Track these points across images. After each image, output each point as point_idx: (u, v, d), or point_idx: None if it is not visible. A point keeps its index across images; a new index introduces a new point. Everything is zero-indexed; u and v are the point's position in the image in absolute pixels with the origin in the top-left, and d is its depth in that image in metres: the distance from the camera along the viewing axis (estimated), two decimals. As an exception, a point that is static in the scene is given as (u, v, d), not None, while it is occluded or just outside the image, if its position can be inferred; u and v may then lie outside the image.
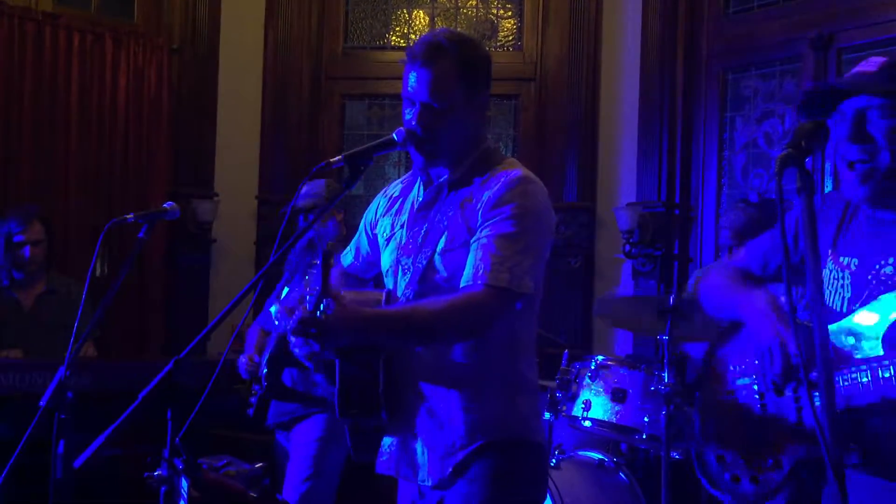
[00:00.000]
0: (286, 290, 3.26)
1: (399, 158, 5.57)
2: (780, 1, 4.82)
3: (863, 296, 1.64)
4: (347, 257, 2.23)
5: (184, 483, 1.74)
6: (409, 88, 1.90)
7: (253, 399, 2.99)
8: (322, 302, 1.68)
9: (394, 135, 1.88)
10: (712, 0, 5.06)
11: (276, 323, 2.98)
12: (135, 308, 5.09)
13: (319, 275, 1.69)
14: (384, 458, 1.99)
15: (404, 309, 1.87)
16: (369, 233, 2.14)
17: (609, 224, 5.16)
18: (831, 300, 1.71)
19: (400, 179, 2.13)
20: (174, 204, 2.71)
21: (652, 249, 4.98)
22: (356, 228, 2.22)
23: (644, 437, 3.13)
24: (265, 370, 2.92)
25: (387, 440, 1.99)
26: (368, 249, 2.16)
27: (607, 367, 3.24)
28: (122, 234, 4.81)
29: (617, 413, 3.17)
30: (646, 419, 3.11)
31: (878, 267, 1.64)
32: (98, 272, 4.81)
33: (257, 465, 3.37)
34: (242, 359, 3.30)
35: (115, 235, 4.83)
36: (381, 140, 1.88)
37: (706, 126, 5.04)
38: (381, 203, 2.13)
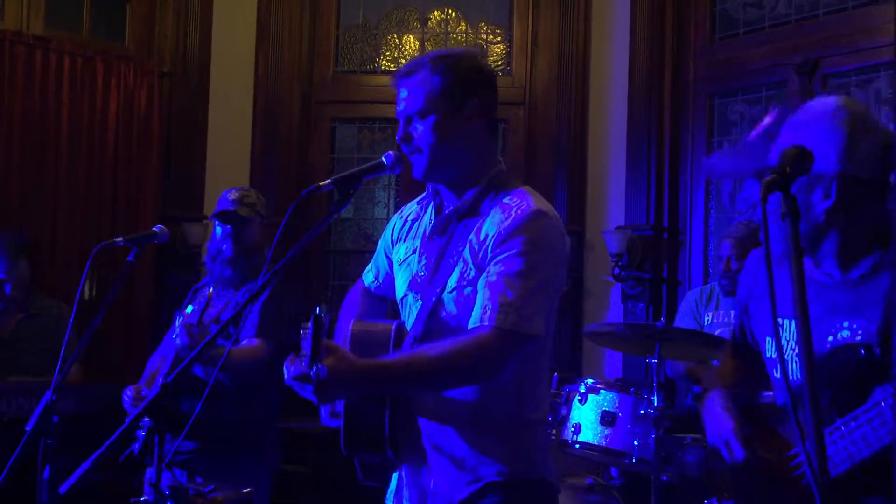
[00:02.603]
0: (190, 307, 3.04)
1: (389, 182, 5.58)
2: (766, 27, 4.88)
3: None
4: (369, 276, 2.17)
5: (170, 508, 1.72)
6: (397, 110, 1.91)
7: (140, 433, 2.51)
8: (314, 367, 1.63)
9: (383, 158, 1.86)
10: (699, 26, 5.12)
11: (176, 339, 2.75)
12: (123, 331, 5.06)
13: (309, 339, 1.63)
14: (391, 494, 1.96)
15: (403, 358, 1.80)
16: (389, 254, 2.09)
17: (598, 247, 5.18)
18: (790, 368, 1.69)
19: (416, 200, 2.08)
20: (163, 227, 2.71)
21: (641, 272, 5.00)
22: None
23: (634, 460, 3.12)
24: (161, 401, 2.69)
25: (395, 477, 1.96)
26: (388, 269, 2.10)
27: (597, 390, 3.24)
28: (111, 256, 4.78)
29: (606, 436, 3.16)
30: (635, 443, 3.11)
31: (834, 330, 1.63)
32: (87, 295, 4.79)
33: (245, 490, 3.33)
34: (129, 391, 2.94)
35: (104, 258, 4.74)
36: (370, 164, 1.87)
37: (694, 150, 5.08)
38: (396, 224, 2.08)
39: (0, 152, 4.73)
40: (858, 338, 1.60)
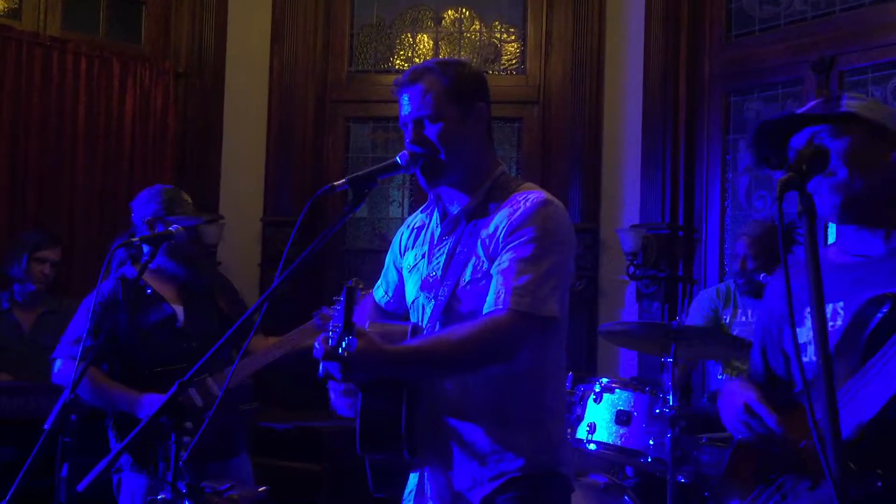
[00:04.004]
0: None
1: (403, 181, 5.59)
2: (782, 24, 4.84)
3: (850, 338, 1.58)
4: (379, 291, 2.21)
5: (187, 506, 1.73)
6: (402, 114, 1.93)
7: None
8: (344, 339, 1.64)
9: (397, 158, 1.89)
10: (714, 24, 5.10)
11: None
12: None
13: (342, 311, 1.65)
14: (411, 494, 1.96)
15: (426, 341, 1.85)
16: (398, 265, 2.13)
17: (613, 246, 5.16)
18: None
19: (420, 209, 2.12)
20: (179, 227, 2.72)
21: (656, 271, 4.98)
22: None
23: (649, 459, 3.11)
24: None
25: (413, 477, 1.96)
26: (397, 281, 2.14)
27: (612, 389, 3.24)
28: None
29: (622, 436, 3.16)
30: (651, 442, 3.10)
31: (858, 301, 1.61)
32: (103, 294, 4.82)
33: (261, 489, 3.35)
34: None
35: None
36: (384, 163, 1.90)
37: (709, 148, 5.06)
38: (404, 234, 2.12)
39: (18, 152, 4.77)
40: (886, 294, 1.59)
